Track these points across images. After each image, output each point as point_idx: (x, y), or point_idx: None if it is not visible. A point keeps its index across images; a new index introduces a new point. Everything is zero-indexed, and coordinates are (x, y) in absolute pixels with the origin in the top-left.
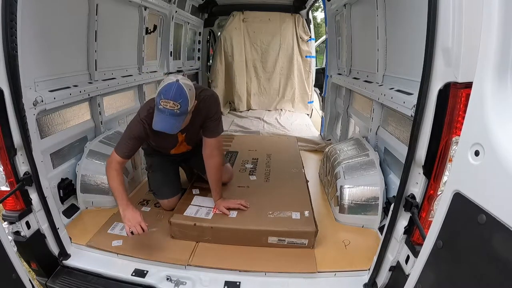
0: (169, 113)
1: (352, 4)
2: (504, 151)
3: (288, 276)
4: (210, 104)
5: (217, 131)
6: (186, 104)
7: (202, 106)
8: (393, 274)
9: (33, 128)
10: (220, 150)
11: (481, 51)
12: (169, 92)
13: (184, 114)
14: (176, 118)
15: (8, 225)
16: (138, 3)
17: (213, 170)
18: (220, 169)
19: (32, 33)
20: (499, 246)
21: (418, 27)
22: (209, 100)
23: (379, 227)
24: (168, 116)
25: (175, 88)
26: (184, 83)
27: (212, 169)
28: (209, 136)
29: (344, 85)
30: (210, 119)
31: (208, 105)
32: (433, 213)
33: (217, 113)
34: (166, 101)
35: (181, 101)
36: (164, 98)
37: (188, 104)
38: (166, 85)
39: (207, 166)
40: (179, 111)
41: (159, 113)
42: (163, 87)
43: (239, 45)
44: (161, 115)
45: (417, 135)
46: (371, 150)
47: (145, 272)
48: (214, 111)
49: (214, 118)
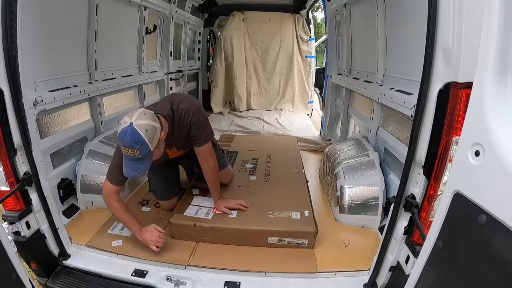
0: (131, 159)
1: (352, 4)
2: (504, 151)
3: (288, 276)
4: (187, 118)
5: (203, 139)
6: (146, 147)
7: (180, 121)
8: (393, 274)
9: (33, 128)
10: (211, 154)
11: (481, 51)
12: (125, 139)
13: (147, 157)
14: (140, 163)
15: (8, 225)
16: (138, 3)
17: (208, 172)
18: (215, 171)
19: (32, 33)
20: (499, 246)
21: (418, 27)
22: (186, 114)
23: (379, 227)
24: (132, 162)
25: (129, 134)
26: (139, 124)
27: (207, 171)
28: (196, 145)
29: (344, 85)
30: (192, 131)
31: (186, 119)
32: (433, 213)
33: (198, 123)
34: (125, 148)
35: (139, 146)
36: (122, 145)
37: (149, 147)
38: (121, 131)
39: (203, 170)
40: (140, 155)
41: (125, 159)
42: (119, 133)
43: (239, 45)
44: (126, 161)
45: (417, 135)
46: (371, 150)
47: (145, 272)
48: (193, 122)
49: (196, 129)
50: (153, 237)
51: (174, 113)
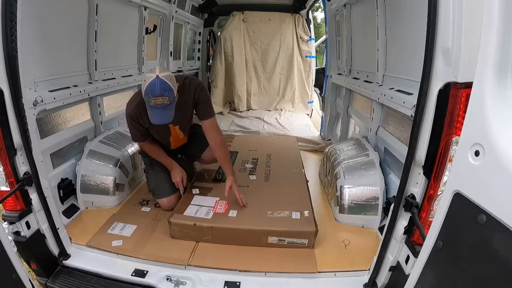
0: (161, 107)
1: (352, 4)
2: (504, 151)
3: (288, 276)
4: (196, 88)
5: (210, 112)
6: (172, 93)
7: (189, 92)
8: (393, 274)
9: (33, 128)
10: (219, 128)
11: (481, 51)
12: (154, 90)
13: (173, 103)
14: (168, 108)
15: (8, 225)
16: (138, 3)
17: (218, 149)
18: (223, 145)
19: (32, 33)
20: (499, 246)
21: (418, 27)
22: (197, 85)
23: (379, 227)
24: (160, 110)
25: (159, 85)
26: (164, 75)
27: (217, 147)
28: (204, 118)
29: (344, 85)
30: (201, 102)
31: (196, 89)
32: (433, 213)
33: (206, 96)
34: (155, 98)
35: (168, 93)
36: (152, 96)
37: (174, 93)
38: (149, 84)
39: (213, 148)
40: (168, 102)
41: (152, 109)
42: (147, 86)
43: (239, 45)
44: (155, 110)
45: (417, 135)
46: (371, 150)
47: (145, 272)
48: (202, 94)
49: (204, 101)
50: (176, 177)
51: (183, 82)
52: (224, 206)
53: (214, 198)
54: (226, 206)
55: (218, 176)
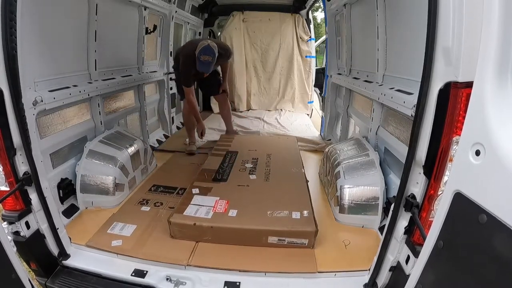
0: (207, 62)
1: (352, 4)
2: (505, 150)
3: (288, 276)
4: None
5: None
6: (215, 55)
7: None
8: (393, 274)
9: (33, 128)
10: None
11: (481, 50)
12: (207, 51)
13: (214, 60)
14: (211, 63)
15: (8, 225)
16: (138, 3)
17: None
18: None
19: (32, 33)
20: (500, 246)
21: (418, 27)
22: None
23: (379, 227)
24: (206, 63)
25: (209, 49)
26: (212, 44)
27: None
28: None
29: (344, 85)
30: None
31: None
32: (433, 213)
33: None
34: (205, 56)
35: (213, 55)
36: (203, 54)
37: (216, 55)
38: (203, 47)
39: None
40: (212, 60)
41: (202, 62)
42: (202, 48)
43: (239, 45)
44: (203, 63)
45: (417, 135)
46: (371, 150)
47: (145, 272)
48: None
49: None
50: (199, 130)
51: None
52: (224, 205)
53: (214, 198)
54: (226, 205)
55: (218, 176)
